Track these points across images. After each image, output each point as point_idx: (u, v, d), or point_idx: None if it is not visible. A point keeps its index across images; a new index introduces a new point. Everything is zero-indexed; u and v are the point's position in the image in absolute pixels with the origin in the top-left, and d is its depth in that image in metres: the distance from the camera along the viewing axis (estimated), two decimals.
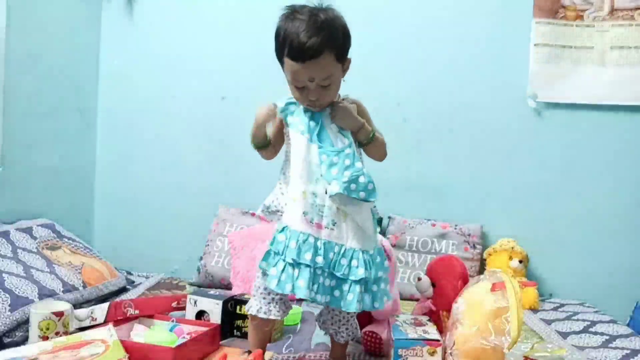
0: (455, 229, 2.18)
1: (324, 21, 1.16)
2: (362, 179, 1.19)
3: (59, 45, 2.17)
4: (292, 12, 1.18)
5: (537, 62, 2.20)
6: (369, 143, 1.28)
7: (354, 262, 1.20)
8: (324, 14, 1.17)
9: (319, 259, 1.18)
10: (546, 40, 2.19)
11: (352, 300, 1.19)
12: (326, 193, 1.20)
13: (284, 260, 1.19)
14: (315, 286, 1.18)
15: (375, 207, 1.31)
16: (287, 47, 1.16)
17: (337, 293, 1.20)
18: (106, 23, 2.42)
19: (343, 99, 1.30)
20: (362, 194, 1.19)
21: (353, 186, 1.18)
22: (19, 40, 1.95)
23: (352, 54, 1.31)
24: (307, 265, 1.17)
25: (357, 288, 1.19)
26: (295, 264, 1.18)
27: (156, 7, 2.40)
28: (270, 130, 1.29)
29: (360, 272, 1.19)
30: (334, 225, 1.21)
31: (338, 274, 1.19)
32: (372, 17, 2.25)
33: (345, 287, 1.20)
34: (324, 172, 1.20)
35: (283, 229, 1.21)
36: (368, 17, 2.24)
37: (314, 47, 1.13)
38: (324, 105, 1.24)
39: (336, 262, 1.20)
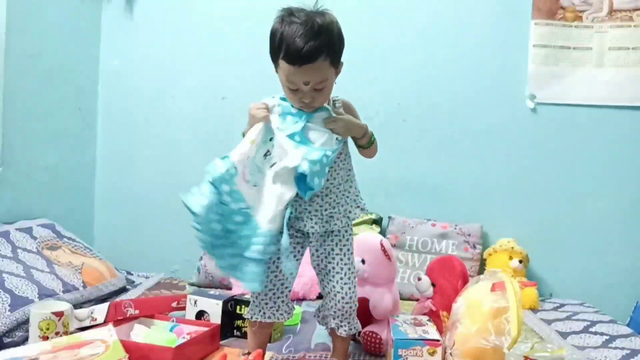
0: (455, 229, 2.18)
1: (321, 26, 1.16)
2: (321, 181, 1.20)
3: (59, 45, 2.17)
4: (288, 15, 1.18)
5: (536, 62, 2.20)
6: (370, 145, 1.30)
7: (240, 219, 1.19)
8: (320, 18, 1.17)
9: (227, 198, 1.17)
10: (545, 41, 2.19)
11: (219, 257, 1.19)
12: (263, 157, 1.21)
13: (207, 172, 1.19)
14: (217, 217, 1.16)
15: (363, 201, 1.31)
16: (283, 50, 1.16)
17: (218, 242, 1.18)
18: (106, 23, 2.42)
19: (334, 101, 1.31)
20: (311, 190, 1.20)
21: (317, 181, 1.18)
22: (19, 40, 1.95)
23: (352, 54, 1.31)
24: (217, 192, 1.16)
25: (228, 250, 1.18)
26: (210, 183, 1.17)
27: (156, 7, 2.40)
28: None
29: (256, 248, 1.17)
30: (254, 185, 1.21)
31: (226, 225, 1.17)
32: (373, 18, 2.25)
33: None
34: (304, 152, 1.19)
35: (224, 157, 1.21)
36: (368, 17, 2.24)
37: (311, 51, 1.14)
38: (317, 107, 1.24)
39: (232, 213, 1.17)
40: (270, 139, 1.24)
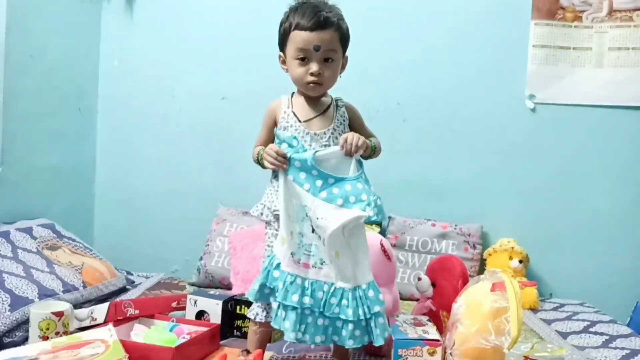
0: (455, 229, 2.18)
1: (332, 7, 1.26)
2: (379, 202, 1.23)
3: (59, 45, 2.17)
4: (299, 3, 1.26)
5: (536, 63, 2.20)
6: (372, 155, 1.30)
7: (344, 302, 1.20)
8: (329, 6, 1.26)
9: (307, 300, 1.19)
10: (544, 42, 2.19)
11: (345, 337, 1.20)
12: (310, 226, 1.19)
13: (276, 300, 1.21)
14: (304, 327, 1.20)
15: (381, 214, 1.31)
16: (295, 22, 1.22)
17: (330, 330, 1.22)
18: (106, 23, 2.42)
19: (336, 100, 1.33)
20: (380, 216, 1.22)
21: (375, 210, 1.24)
22: (19, 40, 1.95)
23: (353, 53, 1.32)
24: (294, 308, 1.19)
25: (350, 326, 1.20)
26: (283, 306, 1.20)
27: (156, 7, 2.40)
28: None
29: (349, 313, 1.19)
30: (322, 264, 1.21)
31: (327, 314, 1.20)
32: (373, 18, 2.25)
33: (339, 324, 1.21)
34: (352, 201, 1.17)
35: (278, 265, 1.23)
36: (369, 17, 2.23)
37: (324, 18, 1.21)
38: (324, 86, 1.26)
39: (326, 302, 1.20)
40: (307, 214, 1.21)
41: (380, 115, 2.25)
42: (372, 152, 1.28)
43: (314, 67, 1.23)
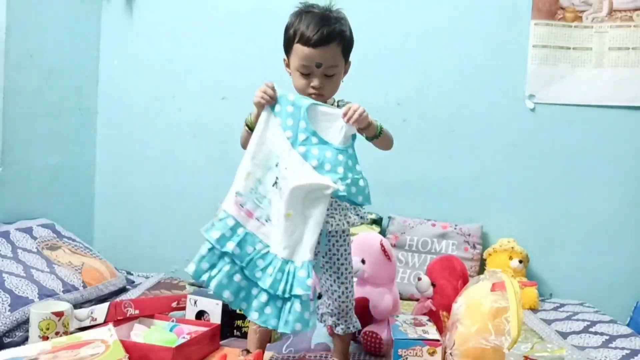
0: (455, 229, 2.18)
1: (336, 17, 1.26)
2: (361, 183, 1.19)
3: (59, 45, 2.17)
4: (305, 9, 1.26)
5: (535, 63, 2.20)
6: (377, 137, 1.30)
7: (270, 270, 1.12)
8: (335, 12, 1.28)
9: (230, 245, 1.12)
10: (544, 42, 2.19)
11: (254, 308, 1.12)
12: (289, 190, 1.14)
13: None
14: (215, 271, 1.12)
15: (365, 210, 1.30)
16: (299, 34, 1.22)
17: (243, 294, 1.14)
18: (106, 23, 2.42)
19: (338, 102, 1.33)
20: (360, 198, 1.18)
21: (353, 189, 1.17)
22: (19, 40, 1.95)
23: (353, 54, 1.32)
24: (211, 246, 1.13)
25: (263, 297, 1.12)
26: (211, 247, 1.14)
27: (156, 7, 2.40)
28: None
29: (267, 282, 1.11)
30: (266, 221, 1.16)
31: (247, 273, 1.13)
32: (373, 17, 2.25)
33: (254, 292, 1.13)
34: (327, 169, 1.16)
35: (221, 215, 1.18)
36: (369, 17, 2.24)
37: (326, 34, 1.21)
38: (325, 96, 1.27)
39: (252, 260, 1.13)
40: (276, 165, 1.18)
41: (380, 115, 2.23)
42: (377, 132, 1.28)
43: (315, 82, 1.25)
